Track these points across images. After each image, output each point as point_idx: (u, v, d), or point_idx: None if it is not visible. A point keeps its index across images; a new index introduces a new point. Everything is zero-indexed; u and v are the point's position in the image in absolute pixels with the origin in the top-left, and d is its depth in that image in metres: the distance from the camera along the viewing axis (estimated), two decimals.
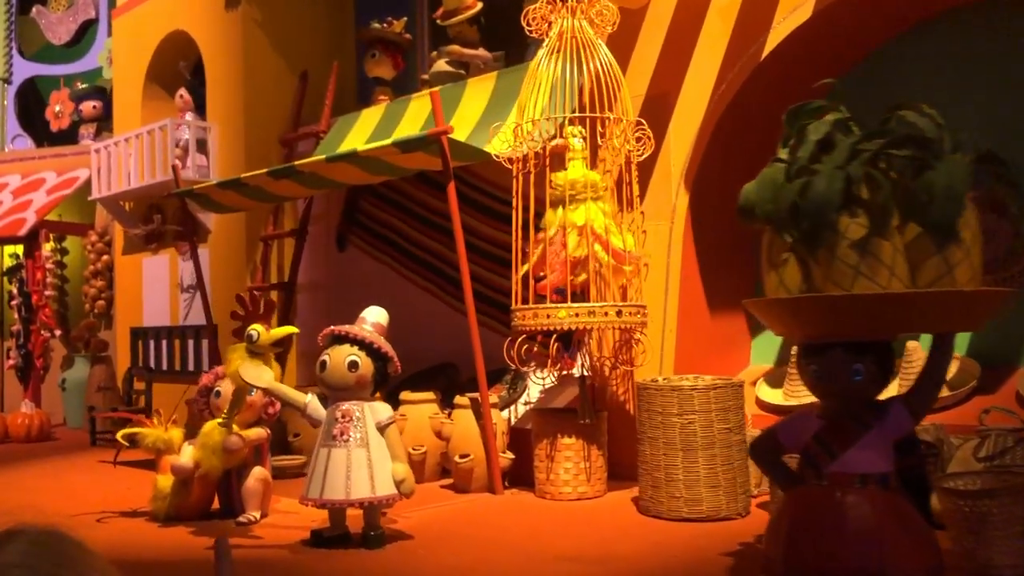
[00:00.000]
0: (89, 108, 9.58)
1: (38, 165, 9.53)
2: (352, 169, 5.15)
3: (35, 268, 8.53)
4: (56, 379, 9.01)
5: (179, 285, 8.03)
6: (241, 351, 4.02)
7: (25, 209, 8.80)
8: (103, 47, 9.62)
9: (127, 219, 8.46)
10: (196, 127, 7.57)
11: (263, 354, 4.03)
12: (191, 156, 7.59)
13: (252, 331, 3.99)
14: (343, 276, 7.16)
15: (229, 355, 4.05)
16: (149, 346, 8.36)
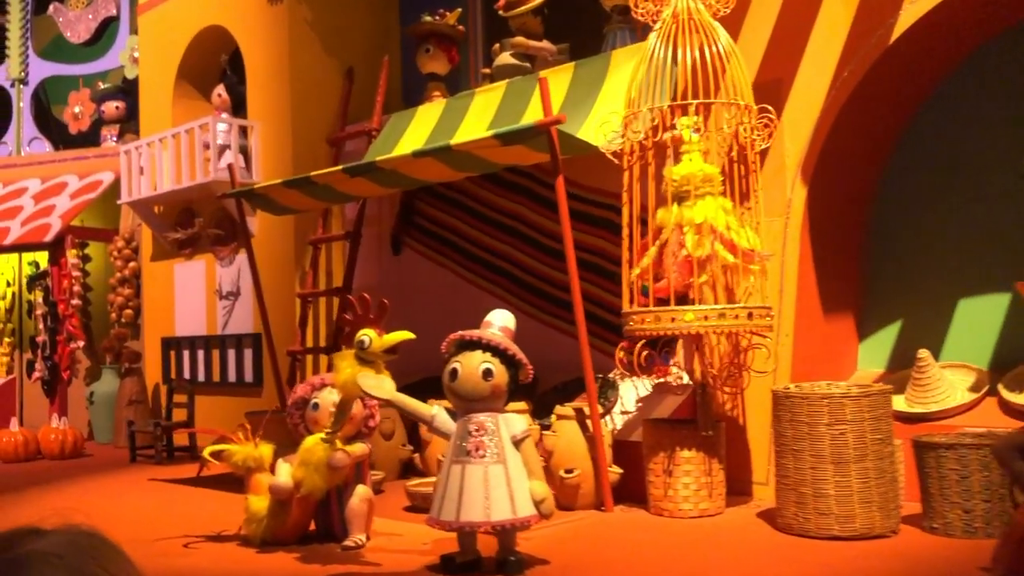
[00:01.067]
0: (112, 109, 9.18)
1: (58, 168, 9.12)
2: (437, 165, 4.82)
3: (61, 276, 8.12)
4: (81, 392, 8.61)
5: (217, 292, 7.65)
6: (350, 358, 3.68)
7: (48, 214, 8.39)
8: (125, 45, 9.23)
9: (158, 224, 8.08)
10: (237, 126, 7.21)
11: (373, 362, 3.69)
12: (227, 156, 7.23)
13: (363, 336, 3.65)
14: (399, 281, 6.81)
15: (337, 362, 3.70)
16: (183, 356, 8.00)
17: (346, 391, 3.69)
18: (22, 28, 9.73)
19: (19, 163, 9.38)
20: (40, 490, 5.74)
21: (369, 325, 3.74)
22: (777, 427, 3.85)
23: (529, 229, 5.97)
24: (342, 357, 3.73)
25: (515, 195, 6.04)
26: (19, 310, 9.23)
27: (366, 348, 3.66)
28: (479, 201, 6.29)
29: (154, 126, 8.27)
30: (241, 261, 7.44)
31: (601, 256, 5.53)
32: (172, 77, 8.19)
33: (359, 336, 3.68)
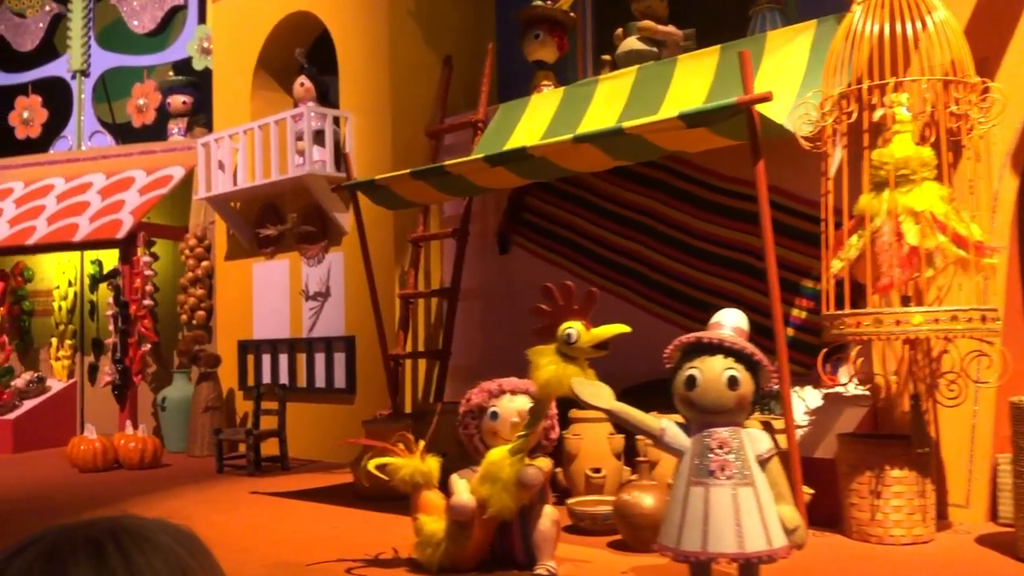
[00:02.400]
0: (179, 102, 8.79)
1: (123, 163, 8.73)
2: (595, 152, 4.40)
3: (133, 275, 7.71)
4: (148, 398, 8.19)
5: (303, 292, 7.23)
6: (551, 354, 3.26)
7: (118, 210, 7.99)
8: (193, 35, 8.84)
9: (237, 221, 7.67)
10: (319, 117, 6.79)
11: (576, 359, 3.27)
12: (315, 149, 6.82)
13: (570, 329, 3.23)
14: (506, 281, 6.39)
15: (536, 359, 3.28)
16: (261, 361, 7.58)
17: (547, 391, 3.27)
18: (84, 18, 9.35)
19: (81, 157, 8.98)
20: (138, 503, 5.30)
21: (573, 317, 3.31)
22: (1018, 443, 3.41)
23: (663, 225, 5.53)
24: (541, 353, 3.30)
25: (646, 188, 5.61)
26: (81, 311, 8.82)
27: (573, 343, 3.23)
28: (602, 195, 5.86)
29: (229, 119, 7.87)
30: (331, 260, 7.03)
31: (744, 252, 5.11)
32: (251, 68, 7.79)
33: (564, 329, 3.25)
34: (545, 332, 3.33)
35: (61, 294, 8.76)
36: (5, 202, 8.72)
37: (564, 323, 3.26)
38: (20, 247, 8.04)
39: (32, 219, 8.25)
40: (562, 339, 3.23)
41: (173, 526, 0.86)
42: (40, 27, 9.68)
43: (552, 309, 3.33)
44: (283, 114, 6.97)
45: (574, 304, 3.30)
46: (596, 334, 3.24)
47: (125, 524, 0.82)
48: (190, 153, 8.50)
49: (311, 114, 6.69)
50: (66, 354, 8.70)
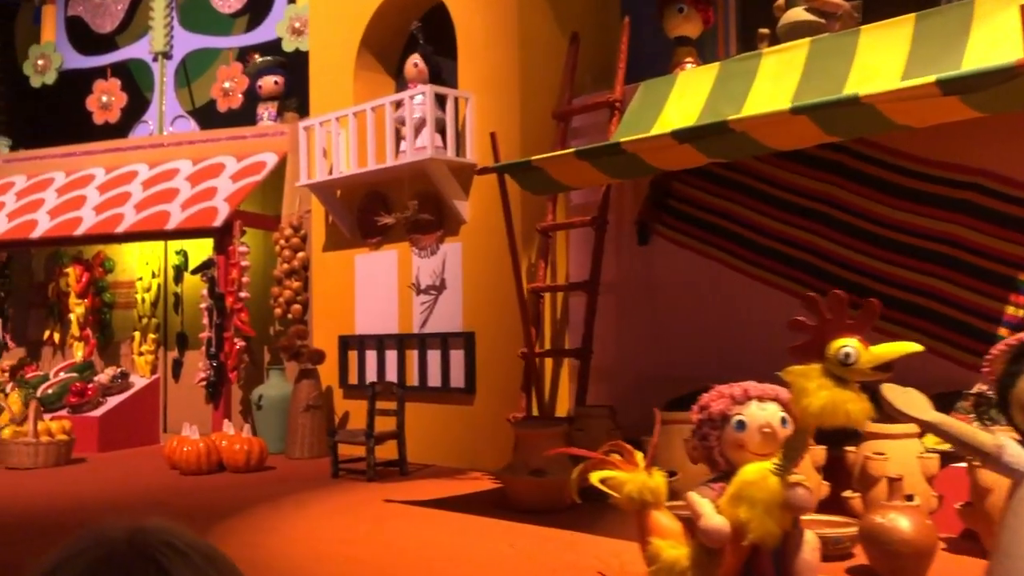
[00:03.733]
0: (271, 84, 8.36)
1: (209, 149, 8.33)
2: (806, 125, 3.91)
3: (229, 266, 7.30)
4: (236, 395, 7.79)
5: (413, 285, 6.79)
6: (819, 377, 2.77)
7: (210, 197, 7.59)
8: (283, 16, 8.42)
9: (339, 209, 7.25)
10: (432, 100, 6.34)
11: (848, 382, 2.78)
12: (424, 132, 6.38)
13: (847, 348, 2.73)
14: (645, 274, 5.91)
15: (801, 382, 2.79)
16: (365, 357, 7.15)
17: (819, 421, 2.78)
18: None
19: (166, 142, 8.59)
20: (265, 512, 4.88)
21: (846, 332, 2.82)
22: None
23: (842, 212, 5.03)
24: (806, 375, 2.80)
25: (820, 172, 5.11)
26: (164, 303, 8.43)
27: (851, 364, 2.74)
28: (765, 179, 5.36)
29: (329, 102, 7.44)
30: (446, 251, 6.58)
31: (954, 245, 4.60)
32: (353, 48, 7.36)
33: (839, 347, 2.74)
34: (807, 350, 2.84)
35: (144, 286, 8.37)
36: (87, 189, 8.35)
37: (837, 340, 2.77)
38: (109, 235, 7.66)
39: (118, 206, 7.87)
40: (837, 359, 2.73)
41: (204, 543, 0.86)
42: (120, 8, 9.30)
43: (817, 323, 2.83)
44: (401, 95, 6.54)
45: (846, 317, 2.80)
46: (879, 353, 2.73)
47: (168, 539, 0.82)
48: (282, 139, 8.10)
49: (432, 95, 6.23)
50: (149, 349, 8.31)
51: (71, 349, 8.46)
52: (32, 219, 8.07)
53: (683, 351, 5.65)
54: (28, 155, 9.10)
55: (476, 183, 6.38)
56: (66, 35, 9.48)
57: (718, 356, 5.39)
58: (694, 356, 5.56)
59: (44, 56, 9.46)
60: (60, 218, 7.95)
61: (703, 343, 5.55)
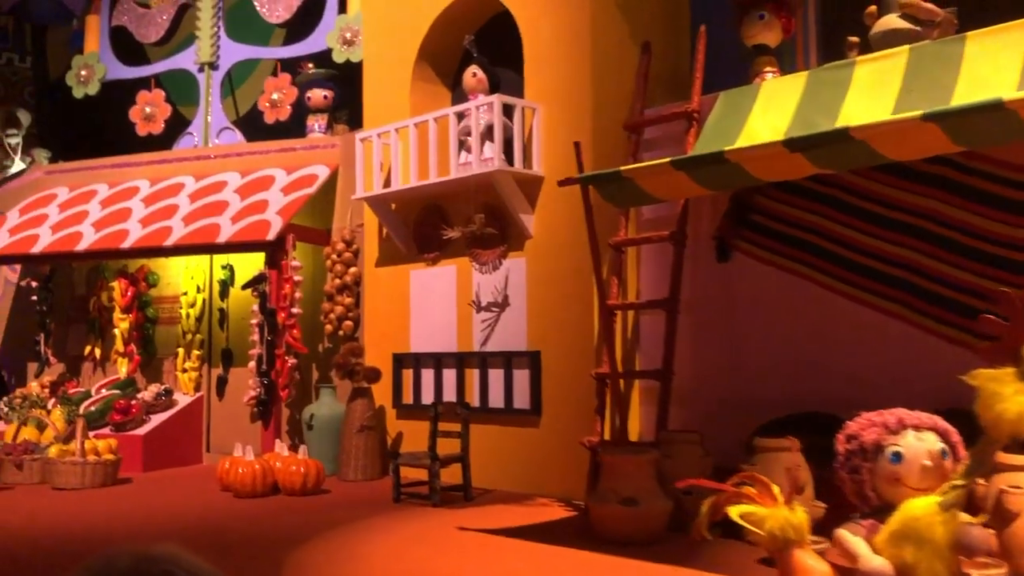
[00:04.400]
0: (320, 97, 8.18)
1: (257, 161, 8.14)
2: (933, 134, 3.65)
3: (281, 280, 7.08)
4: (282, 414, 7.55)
5: (473, 303, 6.55)
6: (1015, 383, 2.52)
7: (262, 211, 7.38)
8: (333, 26, 8.24)
9: (395, 223, 7.02)
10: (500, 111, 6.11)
11: None
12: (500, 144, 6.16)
13: None
14: (725, 293, 5.64)
15: (991, 387, 2.55)
16: (420, 377, 6.91)
17: (1013, 430, 2.53)
18: (214, 7, 8.80)
19: (212, 154, 8.41)
20: (334, 540, 4.62)
21: None
22: None
23: (947, 229, 4.76)
24: (999, 380, 2.56)
25: (921, 185, 4.84)
26: (209, 319, 8.21)
27: None
28: (857, 192, 5.09)
29: (383, 113, 7.25)
30: (509, 267, 6.34)
31: None
32: (410, 59, 7.16)
33: None
34: (1000, 352, 2.59)
35: (189, 301, 8.17)
36: (132, 201, 8.16)
37: None
38: (157, 248, 7.45)
39: (166, 219, 7.67)
40: None
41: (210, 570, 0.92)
42: (165, 18, 9.16)
43: (1013, 323, 2.58)
44: (465, 105, 6.31)
45: None
46: None
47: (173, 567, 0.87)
48: (333, 151, 7.92)
49: (499, 105, 6.01)
50: (193, 365, 8.09)
51: (115, 365, 8.25)
52: (76, 231, 7.88)
53: (767, 374, 5.38)
54: (70, 167, 8.94)
55: (543, 196, 6.16)
56: (110, 45, 9.34)
57: (806, 380, 5.12)
58: (779, 379, 5.29)
59: (87, 66, 9.32)
60: (106, 230, 7.76)
61: (789, 366, 5.29)
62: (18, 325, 8.81)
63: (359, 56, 8.04)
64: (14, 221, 8.40)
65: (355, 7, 8.17)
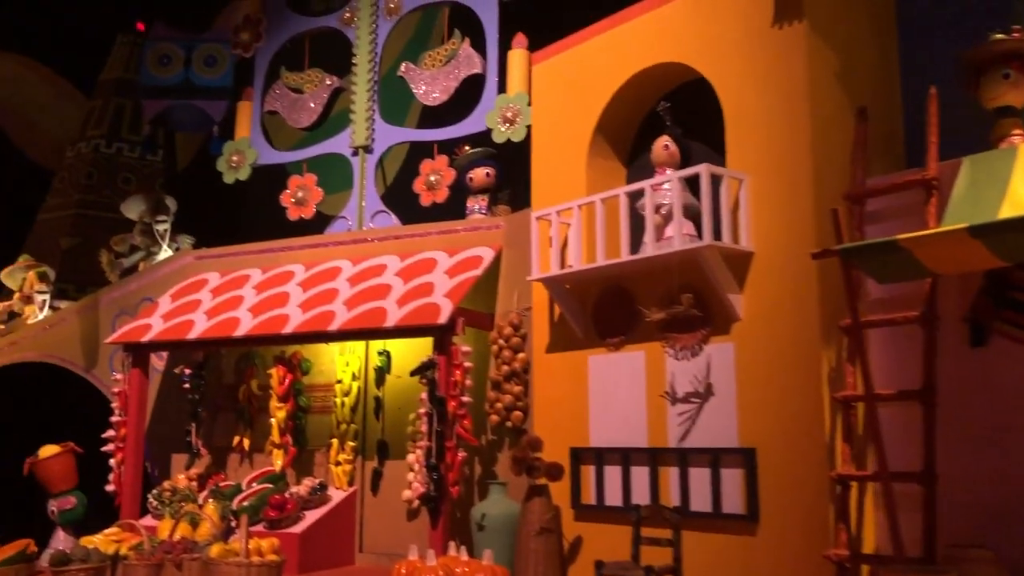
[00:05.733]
0: (482, 176, 7.89)
1: (417, 244, 7.84)
2: None
3: (451, 367, 6.64)
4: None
5: (667, 393, 5.97)
6: None
7: (428, 294, 7.01)
8: (493, 105, 8.00)
9: (572, 306, 6.55)
10: (708, 183, 5.62)
11: None
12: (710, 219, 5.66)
13: None
14: (982, 383, 4.92)
15: None
16: (603, 473, 6.31)
17: None
18: (369, 91, 8.70)
19: (369, 238, 8.15)
20: None
21: None
22: None
23: None
24: None
25: None
26: (364, 408, 7.81)
27: None
28: None
29: (555, 191, 6.86)
30: (712, 352, 5.76)
31: None
32: (587, 135, 6.79)
33: None
34: None
35: (343, 389, 7.79)
36: (288, 286, 7.92)
37: None
38: (321, 334, 7.12)
39: (326, 303, 7.37)
40: None
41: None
42: (317, 103, 9.10)
43: None
44: (663, 177, 5.88)
45: None
46: None
47: None
48: (496, 232, 7.56)
49: (707, 176, 5.54)
50: (347, 458, 7.65)
51: (266, 457, 7.87)
52: (233, 317, 7.65)
53: None
54: (221, 251, 8.81)
55: (753, 274, 5.61)
56: (261, 130, 9.31)
57: None
58: None
59: (238, 152, 9.28)
60: (264, 316, 7.50)
61: None
62: (164, 414, 8.56)
63: (520, 136, 7.77)
64: (167, 307, 8.24)
65: (515, 87, 7.93)
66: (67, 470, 7.63)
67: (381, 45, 8.78)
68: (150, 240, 9.83)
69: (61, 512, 7.53)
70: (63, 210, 15.23)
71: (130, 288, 9.20)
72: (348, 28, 8.97)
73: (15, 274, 10.40)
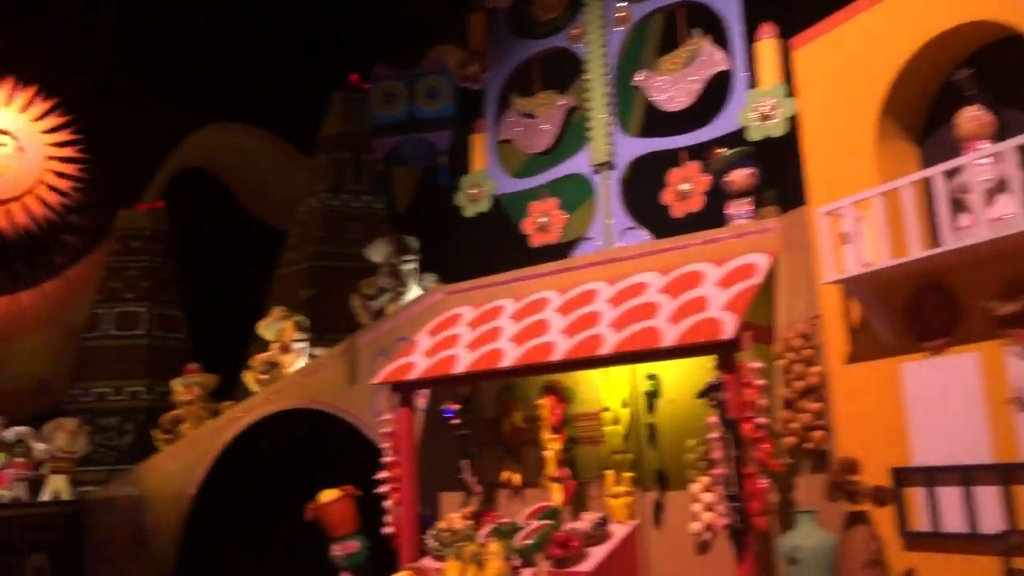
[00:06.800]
0: (744, 178, 7.32)
1: (677, 258, 7.35)
2: None
3: (740, 386, 6.08)
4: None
5: (1018, 399, 5.12)
6: None
7: (702, 309, 6.50)
8: (744, 102, 7.43)
9: (878, 308, 5.83)
10: None
11: None
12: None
13: None
14: None
15: None
16: (935, 495, 5.51)
17: None
18: (606, 105, 8.36)
19: (622, 256, 7.76)
20: None
21: None
22: None
23: None
24: None
25: None
26: (637, 436, 7.36)
27: None
28: None
29: (838, 183, 6.18)
30: None
31: None
32: (871, 117, 6.09)
33: None
34: None
35: (611, 417, 7.38)
36: (545, 313, 7.64)
37: None
38: (591, 359, 6.78)
39: (590, 328, 7.02)
40: None
41: None
42: (552, 125, 8.86)
43: None
44: (992, 148, 5.10)
45: None
46: None
47: None
48: (766, 237, 6.96)
49: None
50: (625, 489, 7.22)
51: (544, 491, 7.58)
52: (495, 348, 7.45)
53: None
54: (471, 285, 8.70)
55: None
56: (496, 158, 9.19)
57: None
58: None
59: (476, 185, 9.19)
60: (527, 345, 7.24)
61: None
62: (428, 453, 8.47)
63: (780, 130, 7.16)
64: (426, 344, 8.18)
65: (769, 79, 7.33)
66: (347, 514, 7.67)
67: (615, 57, 8.43)
68: (396, 281, 9.93)
69: (346, 556, 7.57)
70: (298, 264, 15.98)
71: (384, 329, 9.29)
72: (577, 45, 8.69)
73: (271, 326, 10.83)
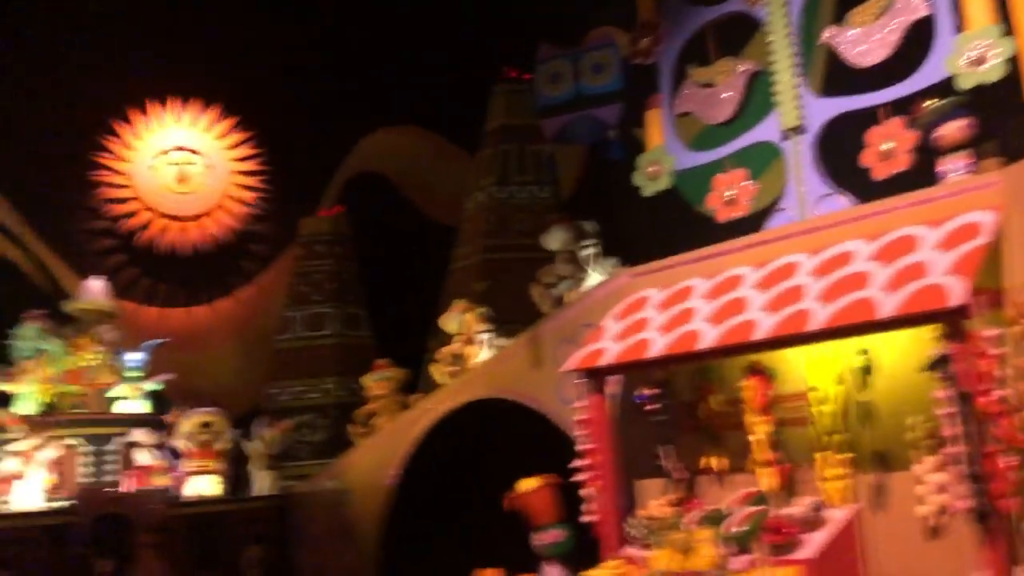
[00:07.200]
0: (957, 130, 6.72)
1: (885, 222, 6.82)
2: None
3: (971, 356, 5.56)
4: None
5: None
6: None
7: (921, 275, 6.00)
8: (950, 48, 6.81)
9: None
10: None
11: None
12: None
13: None
14: None
15: None
16: None
17: None
18: (792, 66, 7.89)
19: (821, 225, 7.30)
20: None
21: None
22: None
23: None
24: None
25: None
26: (848, 417, 6.90)
27: None
28: None
29: None
30: None
31: None
32: None
33: None
34: None
35: (819, 397, 6.95)
36: (741, 290, 7.30)
37: None
38: (799, 336, 6.41)
39: (794, 303, 6.64)
40: None
41: None
42: (734, 93, 8.47)
43: None
44: None
45: None
46: None
47: None
48: (988, 192, 6.34)
49: None
50: (841, 472, 6.78)
51: (750, 476, 7.26)
52: (690, 330, 7.18)
53: None
54: (658, 266, 8.44)
55: None
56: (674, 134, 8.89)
57: None
58: None
59: (654, 163, 8.93)
60: (726, 324, 6.93)
61: None
62: (624, 440, 8.29)
63: (994, 75, 6.55)
64: (614, 329, 8.01)
65: (978, 20, 6.69)
66: (549, 503, 7.61)
67: (798, 16, 7.95)
68: (575, 268, 9.81)
69: (550, 545, 7.52)
70: (470, 258, 16.21)
71: (569, 316, 9.19)
72: (756, 8, 8.26)
73: (455, 319, 10.97)
